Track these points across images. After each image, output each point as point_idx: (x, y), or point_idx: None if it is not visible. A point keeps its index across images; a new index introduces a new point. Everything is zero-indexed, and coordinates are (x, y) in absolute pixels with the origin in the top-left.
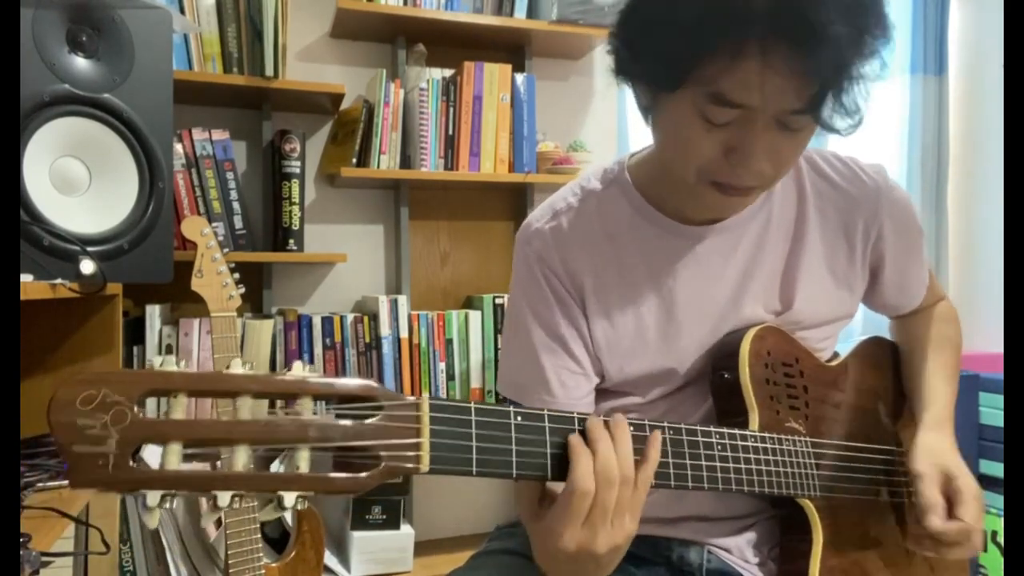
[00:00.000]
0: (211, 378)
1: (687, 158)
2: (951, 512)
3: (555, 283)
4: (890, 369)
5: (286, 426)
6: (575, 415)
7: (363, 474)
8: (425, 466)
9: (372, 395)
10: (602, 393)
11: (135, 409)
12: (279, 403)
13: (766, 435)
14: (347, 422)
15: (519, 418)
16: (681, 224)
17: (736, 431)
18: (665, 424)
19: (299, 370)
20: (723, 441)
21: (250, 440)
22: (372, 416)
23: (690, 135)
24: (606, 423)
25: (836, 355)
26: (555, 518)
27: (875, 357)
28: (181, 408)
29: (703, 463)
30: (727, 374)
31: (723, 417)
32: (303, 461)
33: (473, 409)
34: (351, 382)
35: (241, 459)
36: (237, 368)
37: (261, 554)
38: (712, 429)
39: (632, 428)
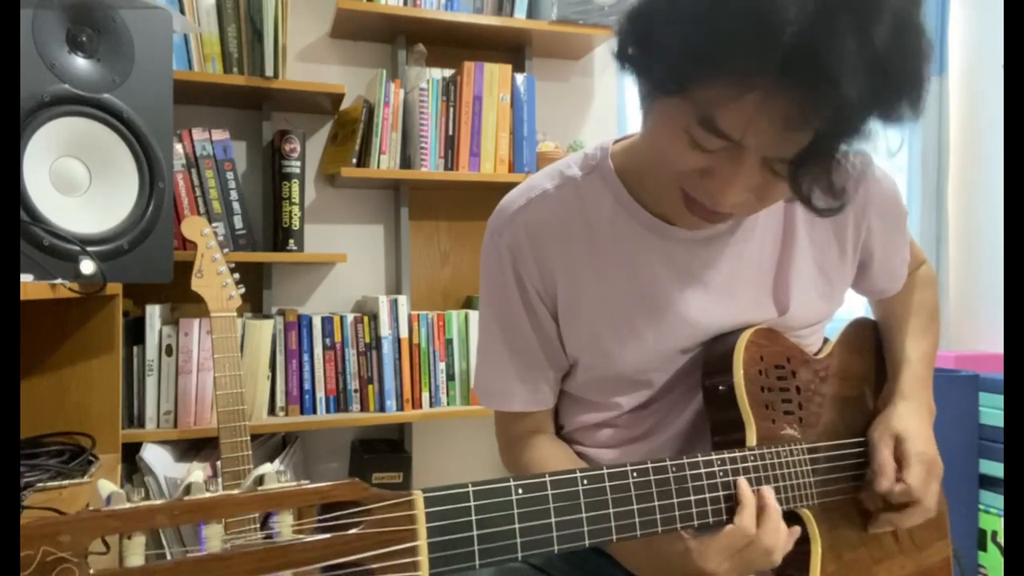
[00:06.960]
0: (172, 508)
1: (663, 162)
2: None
3: (524, 282)
4: (873, 351)
5: (260, 554)
6: (577, 473)
7: None
8: (425, 572)
9: (359, 497)
10: (583, 404)
11: (85, 563)
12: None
13: (765, 451)
14: (330, 535)
15: (520, 491)
16: (664, 223)
17: (736, 454)
18: (658, 463)
19: (272, 480)
20: (724, 468)
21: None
22: (361, 522)
23: (672, 144)
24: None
25: (825, 341)
26: (710, 543)
27: (858, 341)
28: (139, 549)
29: (702, 496)
30: (722, 386)
31: (718, 429)
32: None
33: (471, 493)
34: (334, 486)
35: None
36: (199, 481)
37: None
38: (700, 459)
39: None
